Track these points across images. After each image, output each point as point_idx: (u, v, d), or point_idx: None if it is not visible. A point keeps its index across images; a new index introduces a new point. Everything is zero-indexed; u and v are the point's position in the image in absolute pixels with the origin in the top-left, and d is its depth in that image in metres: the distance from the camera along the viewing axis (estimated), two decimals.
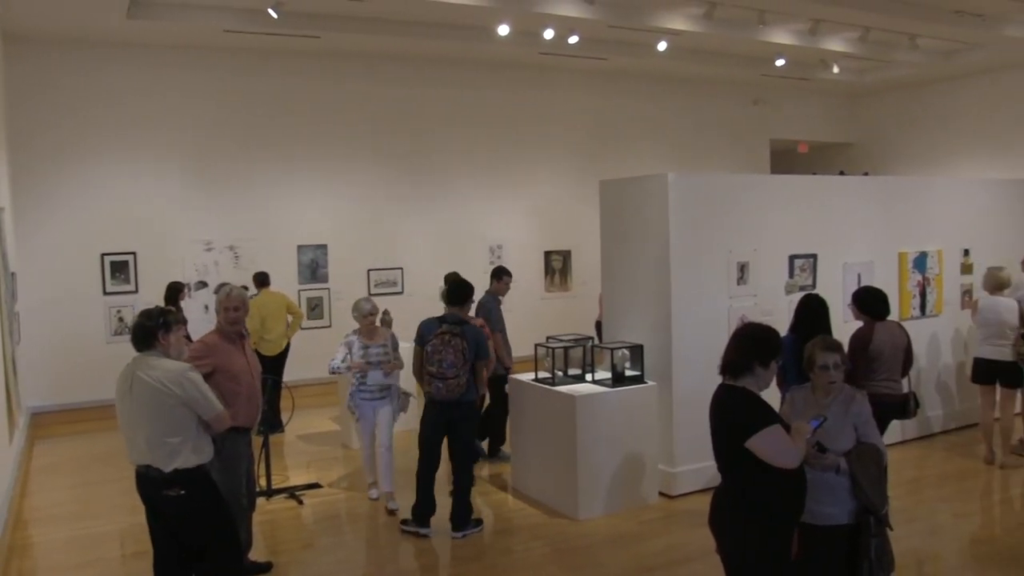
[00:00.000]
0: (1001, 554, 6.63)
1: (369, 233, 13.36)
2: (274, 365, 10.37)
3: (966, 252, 10.19)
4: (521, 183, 14.64)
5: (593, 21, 11.36)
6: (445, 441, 7.18)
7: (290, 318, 10.96)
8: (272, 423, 8.89)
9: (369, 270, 13.37)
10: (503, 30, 11.67)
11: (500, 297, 9.28)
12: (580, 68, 14.69)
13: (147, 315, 5.00)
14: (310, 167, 13.03)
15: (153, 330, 4.90)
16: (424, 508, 7.14)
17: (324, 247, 13.11)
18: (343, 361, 7.75)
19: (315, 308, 12.95)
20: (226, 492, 5.31)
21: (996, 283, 8.77)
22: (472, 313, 8.19)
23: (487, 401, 9.10)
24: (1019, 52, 14.08)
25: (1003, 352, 8.56)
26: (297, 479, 8.79)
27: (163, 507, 4.94)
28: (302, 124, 12.97)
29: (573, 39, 12.09)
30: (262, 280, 10.88)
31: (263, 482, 7.96)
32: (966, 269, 10.20)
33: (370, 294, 12.94)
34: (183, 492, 4.83)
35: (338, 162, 13.23)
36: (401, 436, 9.83)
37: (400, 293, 13.26)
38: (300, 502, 8.06)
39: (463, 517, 7.11)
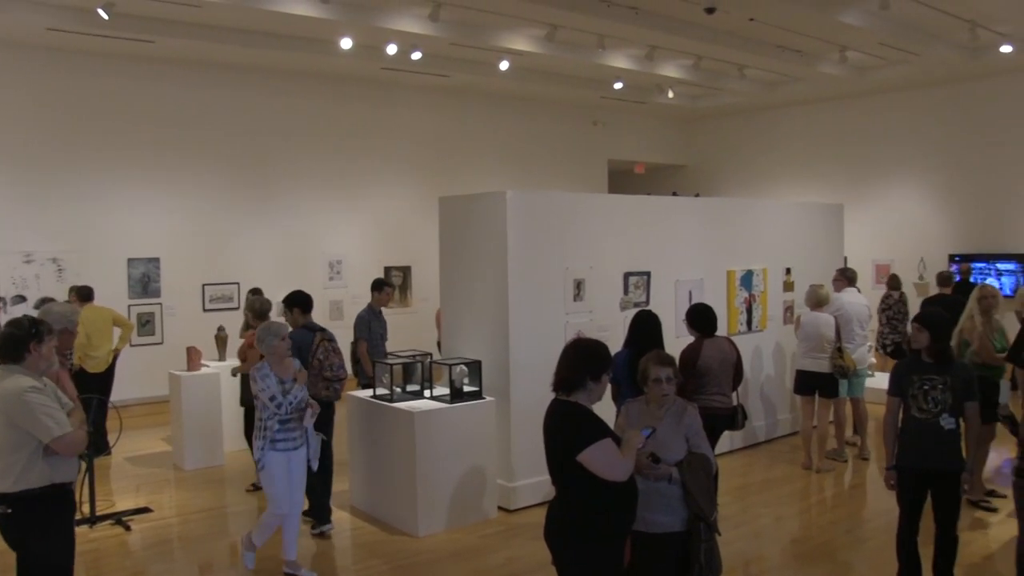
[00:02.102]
0: (816, 550, 7.08)
1: (204, 246, 12.91)
2: (101, 383, 9.82)
3: (788, 271, 10.79)
4: (361, 197, 14.53)
5: (436, 38, 11.45)
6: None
7: (118, 331, 10.36)
8: (97, 445, 8.44)
9: (204, 284, 12.92)
10: (345, 43, 11.59)
11: (380, 308, 9.69)
12: (423, 84, 14.74)
13: (16, 324, 4.64)
14: (142, 176, 12.48)
15: (23, 340, 4.55)
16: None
17: (156, 260, 12.58)
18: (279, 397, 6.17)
19: (147, 324, 12.40)
20: None
21: (817, 300, 9.32)
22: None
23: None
24: (832, 87, 15.20)
25: (822, 364, 9.09)
26: (124, 504, 8.35)
27: None
28: (135, 131, 12.40)
29: (416, 55, 12.13)
30: (86, 295, 10.20)
31: (86, 508, 7.54)
32: (788, 286, 10.79)
33: (204, 310, 12.52)
34: (9, 511, 4.53)
35: (172, 172, 12.73)
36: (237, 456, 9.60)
37: (236, 309, 12.75)
38: (127, 528, 7.65)
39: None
